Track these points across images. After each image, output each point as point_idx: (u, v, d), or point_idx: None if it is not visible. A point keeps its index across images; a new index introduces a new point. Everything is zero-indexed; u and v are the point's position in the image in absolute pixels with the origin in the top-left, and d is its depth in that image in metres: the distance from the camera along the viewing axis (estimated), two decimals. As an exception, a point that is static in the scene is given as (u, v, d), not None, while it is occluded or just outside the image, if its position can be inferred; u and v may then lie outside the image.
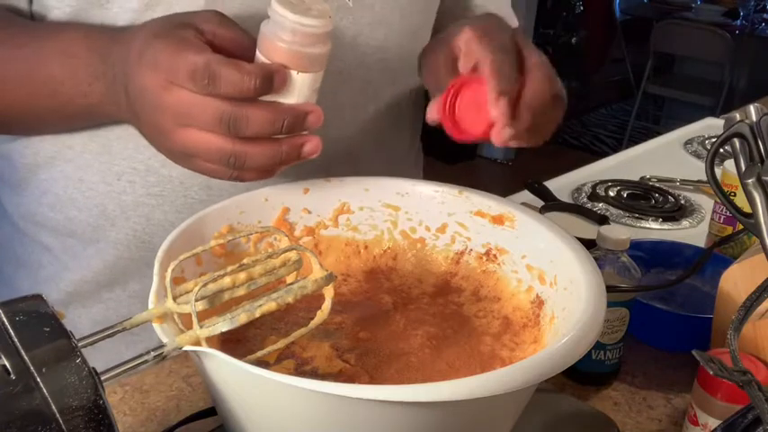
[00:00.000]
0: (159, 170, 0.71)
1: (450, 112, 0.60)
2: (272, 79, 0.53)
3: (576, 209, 1.03)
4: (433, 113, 0.61)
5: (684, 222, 1.15)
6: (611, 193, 1.22)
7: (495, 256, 0.63)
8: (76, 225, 0.74)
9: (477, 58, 0.59)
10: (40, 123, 0.70)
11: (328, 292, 0.50)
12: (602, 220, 0.99)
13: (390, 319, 0.59)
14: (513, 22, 0.89)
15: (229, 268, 0.47)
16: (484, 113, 0.57)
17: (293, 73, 0.54)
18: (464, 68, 0.60)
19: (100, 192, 0.72)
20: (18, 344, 0.37)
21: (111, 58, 0.59)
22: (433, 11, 0.83)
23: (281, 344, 0.48)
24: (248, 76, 0.52)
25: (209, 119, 0.53)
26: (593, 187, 1.23)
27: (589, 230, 0.92)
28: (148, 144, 0.67)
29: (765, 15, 4.04)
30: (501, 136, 0.57)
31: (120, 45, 0.58)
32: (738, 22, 4.04)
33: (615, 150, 1.54)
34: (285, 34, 0.53)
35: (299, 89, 0.55)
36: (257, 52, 0.55)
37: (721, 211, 0.94)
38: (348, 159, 0.77)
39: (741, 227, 0.73)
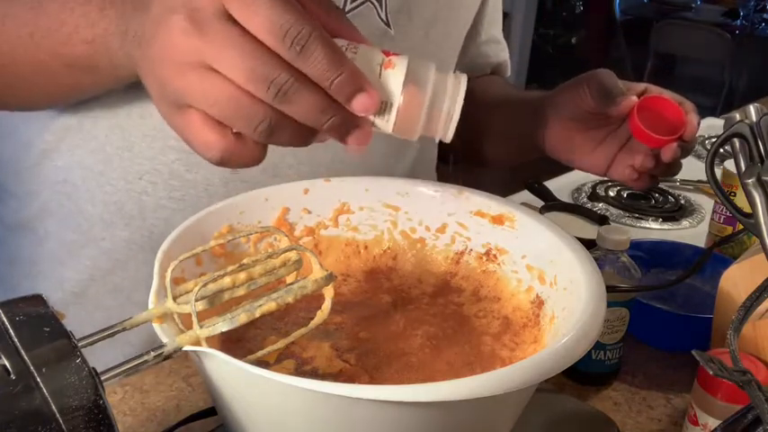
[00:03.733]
0: (184, 174, 0.70)
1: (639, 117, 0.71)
2: (361, 93, 0.45)
3: (576, 209, 1.03)
4: (623, 110, 0.71)
5: (684, 222, 1.15)
6: (611, 193, 1.22)
7: (495, 256, 0.63)
8: (85, 220, 0.73)
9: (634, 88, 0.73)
10: (39, 73, 0.62)
11: (328, 292, 0.50)
12: (602, 220, 0.99)
13: (390, 319, 0.59)
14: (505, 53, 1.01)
15: (229, 268, 0.47)
16: (669, 123, 0.71)
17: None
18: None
19: (119, 188, 0.70)
20: (18, 344, 0.37)
21: None
22: (457, 48, 0.88)
23: (281, 344, 0.48)
24: (346, 76, 0.44)
25: (254, 74, 0.42)
26: (593, 187, 1.23)
27: (589, 230, 0.92)
28: (175, 146, 0.66)
29: (765, 15, 4.04)
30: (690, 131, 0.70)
31: None
32: (738, 22, 4.04)
33: (615, 150, 1.52)
34: None
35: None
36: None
37: (721, 211, 0.94)
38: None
39: (741, 227, 0.73)
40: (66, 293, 0.76)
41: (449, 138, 0.51)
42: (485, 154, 0.97)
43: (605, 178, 1.26)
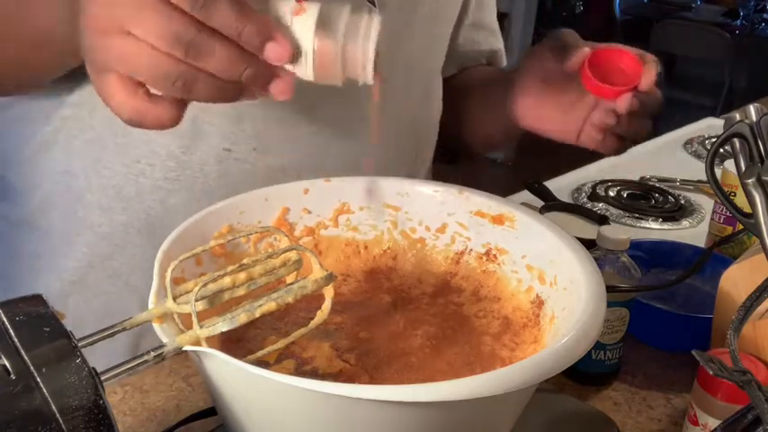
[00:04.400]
0: (180, 156, 0.71)
1: (592, 71, 0.69)
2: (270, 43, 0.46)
3: (576, 209, 1.03)
4: (574, 63, 0.69)
5: (684, 222, 1.15)
6: (611, 193, 1.22)
7: (495, 256, 0.63)
8: (83, 207, 0.74)
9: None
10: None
11: (328, 292, 0.50)
12: (602, 220, 0.99)
13: (390, 319, 0.59)
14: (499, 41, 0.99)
15: (229, 268, 0.47)
16: (626, 75, 0.69)
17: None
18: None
19: (117, 172, 0.72)
20: (18, 344, 0.37)
21: None
22: (446, 34, 0.89)
23: (281, 344, 0.48)
24: (252, 27, 0.45)
25: (165, 34, 0.44)
26: (593, 187, 1.23)
27: (589, 230, 0.92)
28: (172, 129, 0.67)
29: (765, 15, 4.04)
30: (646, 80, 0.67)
31: None
32: (738, 22, 4.04)
33: (615, 150, 1.52)
34: None
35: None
36: None
37: (721, 211, 0.94)
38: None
39: (741, 227, 0.73)
40: (64, 283, 0.77)
41: (369, 79, 0.51)
42: (465, 138, 0.97)
43: (605, 178, 1.26)
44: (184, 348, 0.44)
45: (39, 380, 0.36)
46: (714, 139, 0.56)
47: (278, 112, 0.72)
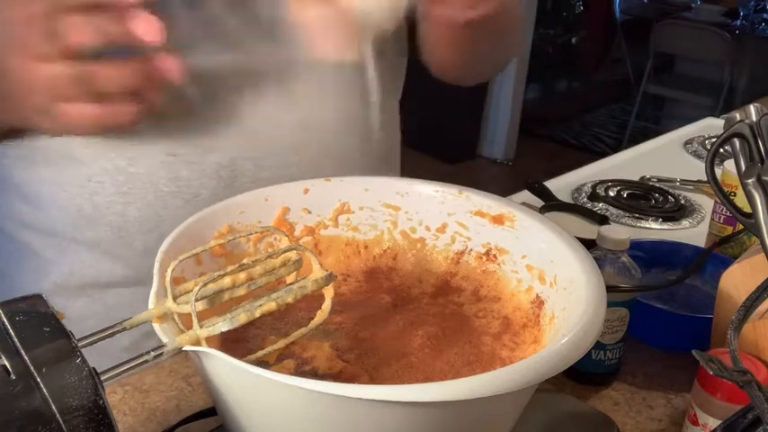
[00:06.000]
0: (126, 168, 0.72)
1: None
2: None
3: (576, 209, 1.03)
4: None
5: (684, 222, 1.15)
6: (611, 193, 1.22)
7: (495, 256, 0.63)
8: (59, 224, 0.75)
9: None
10: None
11: (328, 292, 0.50)
12: (603, 220, 0.99)
13: (390, 319, 0.59)
14: None
15: (229, 268, 0.47)
16: None
17: None
18: None
19: (74, 193, 0.73)
20: (18, 344, 0.37)
21: None
22: None
23: (281, 344, 0.48)
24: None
25: (37, 40, 0.52)
26: (593, 187, 1.23)
27: (589, 230, 0.92)
28: (113, 144, 0.70)
29: (765, 15, 4.03)
30: None
31: None
32: (738, 22, 4.03)
33: (615, 150, 1.53)
34: None
35: None
36: None
37: (721, 211, 0.94)
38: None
39: (741, 227, 0.73)
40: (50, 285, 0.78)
41: None
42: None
43: (605, 178, 1.26)
44: (184, 348, 0.44)
45: (39, 380, 0.36)
46: (714, 139, 0.56)
47: (219, 107, 0.73)
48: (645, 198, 1.22)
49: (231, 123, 0.74)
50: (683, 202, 1.20)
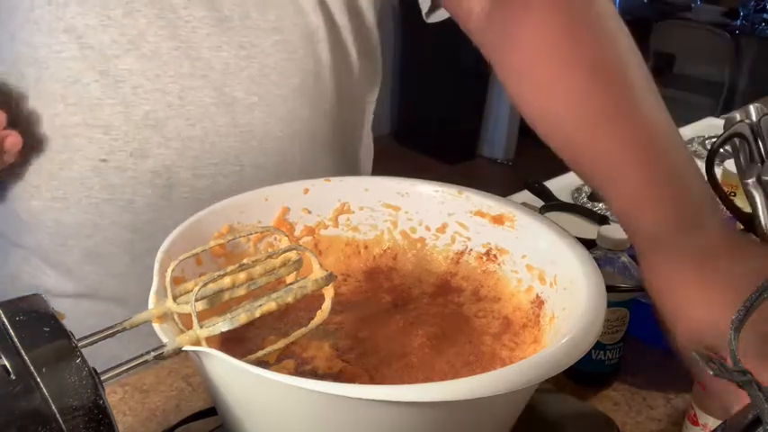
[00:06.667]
0: (59, 173, 0.71)
1: None
2: None
3: (576, 209, 1.03)
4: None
5: (684, 222, 1.15)
6: (612, 193, 1.21)
7: (495, 256, 0.63)
8: (3, 228, 0.76)
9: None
10: None
11: (328, 292, 0.50)
12: (602, 220, 0.99)
13: (390, 319, 0.59)
14: None
15: (229, 268, 0.47)
16: None
17: None
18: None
19: (11, 197, 0.73)
20: (18, 344, 0.37)
21: None
22: None
23: (281, 344, 0.48)
24: None
25: None
26: (594, 187, 1.23)
27: (589, 230, 0.92)
28: (46, 150, 0.71)
29: (765, 15, 4.03)
30: None
31: None
32: (738, 22, 4.03)
33: (615, 151, 1.52)
34: None
35: None
36: None
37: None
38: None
39: (741, 227, 0.73)
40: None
41: None
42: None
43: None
44: (184, 348, 0.44)
45: (39, 380, 0.36)
46: (714, 139, 0.56)
47: (141, 112, 0.70)
48: (645, 198, 1.21)
49: (164, 129, 0.70)
50: (683, 202, 1.20)
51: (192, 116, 0.71)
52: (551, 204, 1.04)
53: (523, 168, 3.94)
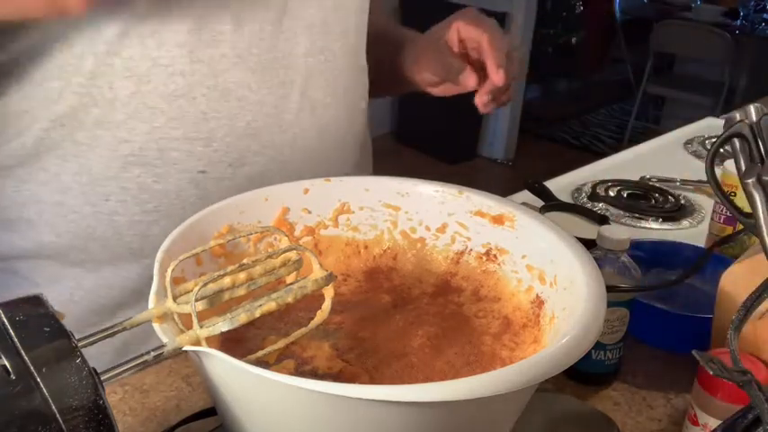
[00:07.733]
0: (152, 186, 0.70)
1: None
2: None
3: (576, 209, 1.03)
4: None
5: (684, 222, 1.15)
6: (611, 193, 1.22)
7: (495, 256, 0.63)
8: (54, 249, 0.72)
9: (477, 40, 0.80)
10: None
11: (328, 292, 0.50)
12: (602, 220, 0.99)
13: (390, 319, 0.59)
14: None
15: (229, 268, 0.47)
16: None
17: None
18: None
19: (85, 214, 0.70)
20: (18, 344, 0.37)
21: None
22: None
23: (281, 344, 0.48)
24: None
25: None
26: (593, 187, 1.23)
27: (589, 230, 0.92)
28: (136, 161, 0.68)
29: (765, 15, 4.03)
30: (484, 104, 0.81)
31: None
32: (738, 22, 4.03)
33: (615, 150, 1.53)
34: None
35: None
36: None
37: (721, 211, 0.94)
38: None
39: (741, 227, 0.73)
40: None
41: None
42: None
43: (605, 178, 1.26)
44: (184, 348, 0.44)
45: (39, 380, 0.36)
46: (714, 139, 0.56)
47: (243, 123, 0.72)
48: (645, 198, 1.22)
49: (260, 135, 0.73)
50: (683, 202, 1.20)
51: (284, 122, 0.74)
52: (551, 204, 1.04)
53: (523, 168, 3.94)
